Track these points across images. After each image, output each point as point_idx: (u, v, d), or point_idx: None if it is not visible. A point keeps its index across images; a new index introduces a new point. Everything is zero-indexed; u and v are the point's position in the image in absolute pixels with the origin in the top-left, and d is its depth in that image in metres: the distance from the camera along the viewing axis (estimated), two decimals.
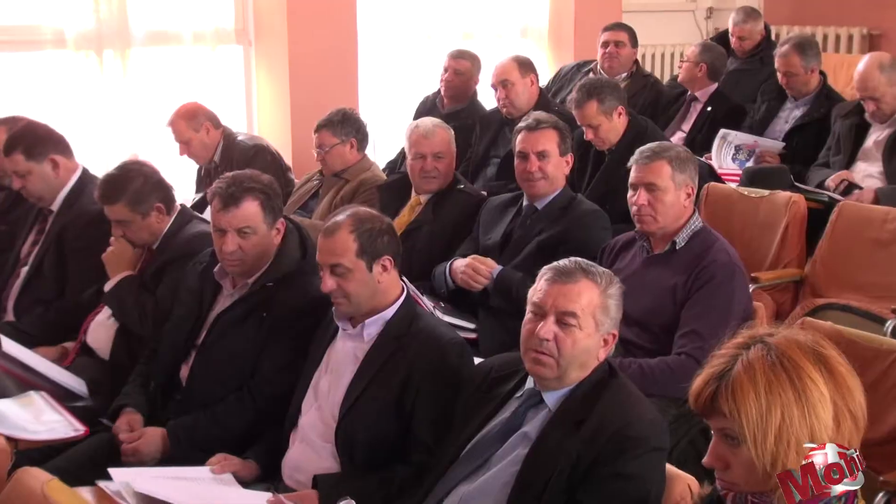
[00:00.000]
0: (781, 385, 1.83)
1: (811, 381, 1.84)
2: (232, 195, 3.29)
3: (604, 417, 2.47)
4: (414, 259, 4.15)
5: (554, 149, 4.08)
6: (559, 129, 4.14)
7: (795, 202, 4.62)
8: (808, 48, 5.51)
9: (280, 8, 6.36)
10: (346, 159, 4.96)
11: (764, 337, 1.90)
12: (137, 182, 3.76)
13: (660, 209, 3.58)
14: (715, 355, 1.92)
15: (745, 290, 3.63)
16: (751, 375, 1.84)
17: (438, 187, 4.47)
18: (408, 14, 7.03)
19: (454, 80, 5.79)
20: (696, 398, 1.92)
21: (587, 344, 2.57)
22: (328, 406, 3.03)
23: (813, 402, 1.83)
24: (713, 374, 1.89)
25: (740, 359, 1.87)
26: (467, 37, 7.22)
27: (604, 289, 2.60)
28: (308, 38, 6.37)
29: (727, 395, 1.85)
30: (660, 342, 3.51)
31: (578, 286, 2.59)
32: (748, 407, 1.83)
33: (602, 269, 2.67)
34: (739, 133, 5.52)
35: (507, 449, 2.59)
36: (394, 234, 3.09)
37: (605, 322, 2.59)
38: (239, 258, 3.30)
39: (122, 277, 3.80)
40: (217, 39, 6.31)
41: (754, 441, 1.83)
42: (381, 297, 3.03)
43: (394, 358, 2.96)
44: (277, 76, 6.49)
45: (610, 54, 6.19)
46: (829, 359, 1.88)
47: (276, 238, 3.37)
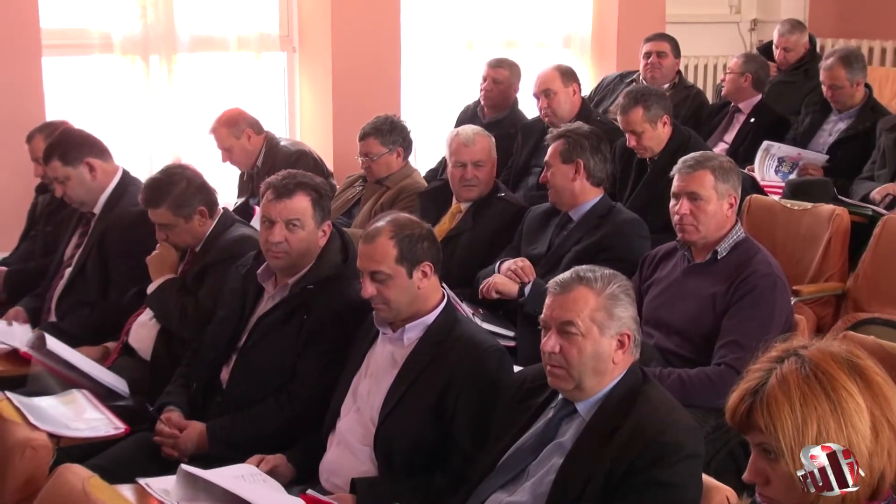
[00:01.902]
0: (816, 397, 1.82)
1: (846, 391, 1.83)
2: (286, 186, 3.34)
3: (638, 425, 2.46)
4: (453, 266, 4.17)
5: (555, 158, 4.12)
6: (562, 137, 4.16)
7: (839, 215, 4.58)
8: (853, 61, 5.47)
9: (324, 15, 6.40)
10: (391, 167, 5.00)
11: (798, 350, 1.89)
12: (180, 186, 3.80)
13: (702, 219, 3.57)
14: (750, 370, 1.91)
15: (786, 301, 3.61)
16: (785, 389, 1.83)
17: (478, 195, 4.49)
18: (451, 22, 7.03)
19: (493, 89, 5.80)
20: (732, 414, 1.91)
21: (594, 349, 2.56)
22: (367, 409, 3.04)
23: (849, 413, 1.82)
24: (748, 389, 1.88)
25: (774, 373, 1.86)
26: (510, 45, 7.22)
27: (601, 291, 2.59)
28: (351, 46, 6.42)
29: (762, 410, 1.84)
30: (700, 352, 3.50)
31: (574, 294, 2.59)
32: (783, 421, 1.81)
33: (603, 272, 2.65)
34: (783, 145, 5.48)
35: (543, 459, 2.59)
36: (434, 240, 3.10)
37: (611, 324, 2.57)
38: (284, 251, 3.33)
39: (165, 280, 3.84)
40: (262, 46, 6.35)
41: (791, 455, 1.81)
42: (421, 302, 3.04)
43: (434, 363, 2.97)
44: (320, 83, 6.53)
45: (652, 65, 6.17)
46: (864, 369, 1.87)
47: (322, 239, 3.39)
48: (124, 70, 5.98)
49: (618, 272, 2.70)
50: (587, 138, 4.19)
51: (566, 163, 4.12)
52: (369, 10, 6.46)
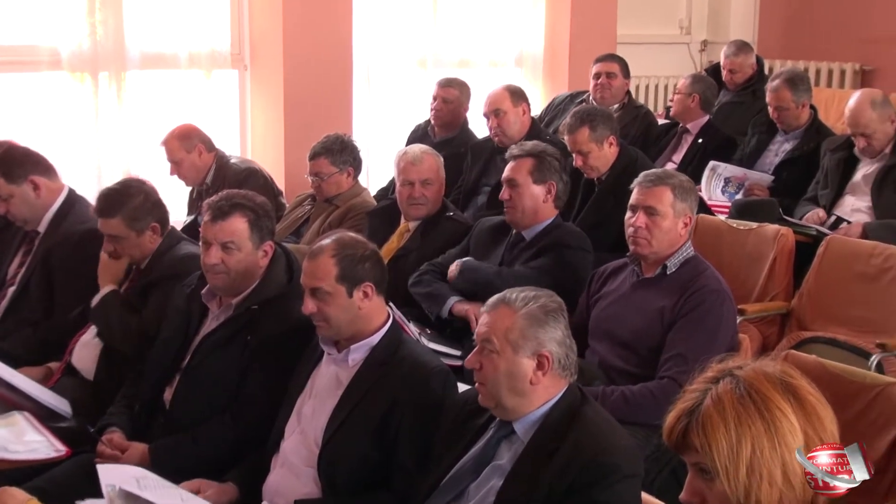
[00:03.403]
0: (750, 417, 1.83)
1: (780, 411, 1.85)
2: (221, 208, 3.34)
3: (576, 446, 2.47)
4: (401, 285, 4.17)
5: (524, 178, 4.11)
6: (535, 157, 4.15)
7: (784, 235, 4.63)
8: (799, 83, 5.54)
9: (276, 33, 6.39)
10: (341, 186, 5.00)
11: (733, 370, 1.91)
12: (138, 199, 3.79)
13: (655, 233, 3.60)
14: (686, 390, 1.93)
15: (732, 318, 3.64)
16: (720, 409, 1.85)
17: (426, 214, 4.50)
18: (403, 41, 7.06)
19: (443, 109, 5.82)
20: (668, 434, 1.92)
21: (508, 368, 2.57)
22: (311, 430, 3.03)
23: (783, 433, 1.83)
24: (684, 409, 1.90)
25: (710, 393, 1.87)
26: (462, 64, 7.27)
27: (517, 310, 2.60)
28: (303, 64, 6.41)
29: (698, 430, 1.85)
30: (646, 365, 3.52)
31: (495, 313, 2.63)
32: (719, 441, 1.83)
33: (529, 293, 2.66)
34: (729, 165, 5.54)
35: (483, 481, 2.60)
36: (377, 261, 3.10)
37: (526, 344, 2.58)
38: (221, 272, 3.32)
39: (109, 292, 3.81)
40: (213, 63, 6.33)
41: (726, 474, 1.83)
42: (362, 323, 3.04)
43: (378, 384, 2.97)
44: (272, 101, 6.52)
45: (602, 85, 6.22)
46: (798, 388, 1.89)
47: (263, 260, 3.38)
48: (73, 88, 5.94)
49: (551, 293, 2.71)
50: (557, 159, 4.22)
51: (538, 183, 4.13)
52: (321, 27, 6.46)
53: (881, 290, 4.32)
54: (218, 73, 6.44)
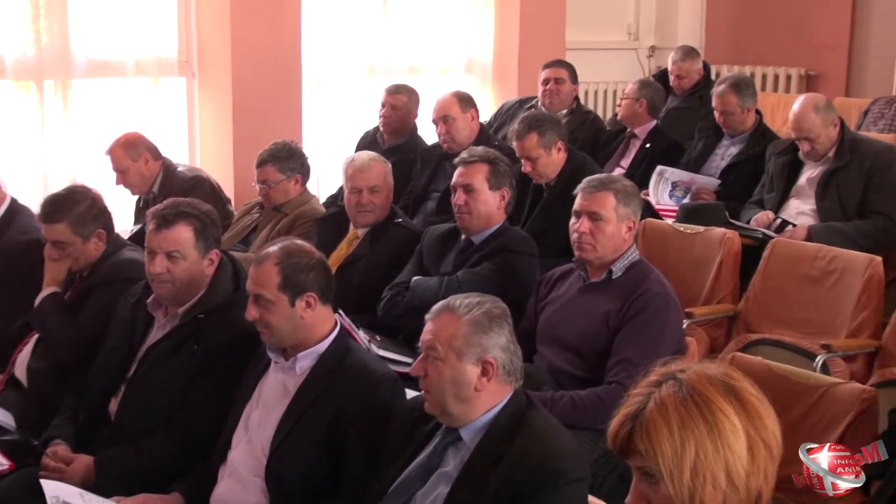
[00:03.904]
0: (693, 420, 1.84)
1: (723, 414, 1.85)
2: (165, 217, 3.32)
3: (522, 452, 2.47)
4: (350, 292, 4.15)
5: (481, 183, 4.12)
6: (490, 163, 4.16)
7: (730, 238, 4.68)
8: (744, 87, 5.59)
9: (224, 40, 6.36)
10: (289, 194, 4.99)
11: (676, 373, 1.91)
12: (84, 205, 3.76)
13: (600, 238, 3.62)
14: (630, 394, 1.93)
15: (678, 321, 3.68)
16: (663, 413, 1.85)
17: (375, 221, 4.49)
18: (353, 47, 7.06)
19: (392, 116, 5.82)
20: (613, 439, 1.93)
21: (453, 375, 2.57)
22: (259, 440, 3.01)
23: (725, 435, 1.84)
24: (628, 414, 1.90)
25: (653, 397, 1.88)
26: (412, 71, 7.28)
27: (461, 317, 2.60)
28: (252, 71, 6.38)
29: (642, 435, 1.86)
30: (593, 370, 3.54)
31: (439, 320, 2.63)
32: (662, 445, 1.83)
33: (474, 298, 2.66)
34: (676, 170, 5.58)
35: (430, 488, 2.60)
36: (323, 271, 3.08)
37: (470, 350, 2.57)
38: (167, 281, 3.30)
39: (49, 293, 3.77)
40: (160, 71, 6.29)
41: (671, 478, 1.83)
42: (305, 332, 3.02)
43: (326, 392, 2.96)
44: (220, 108, 6.48)
45: (550, 91, 6.25)
46: (740, 390, 1.89)
47: (209, 268, 3.36)
48: (18, 96, 5.86)
49: (495, 299, 2.71)
50: (509, 166, 4.25)
51: (494, 189, 4.14)
52: (270, 34, 6.43)
53: (825, 292, 4.37)
54: (165, 81, 6.40)
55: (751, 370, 3.36)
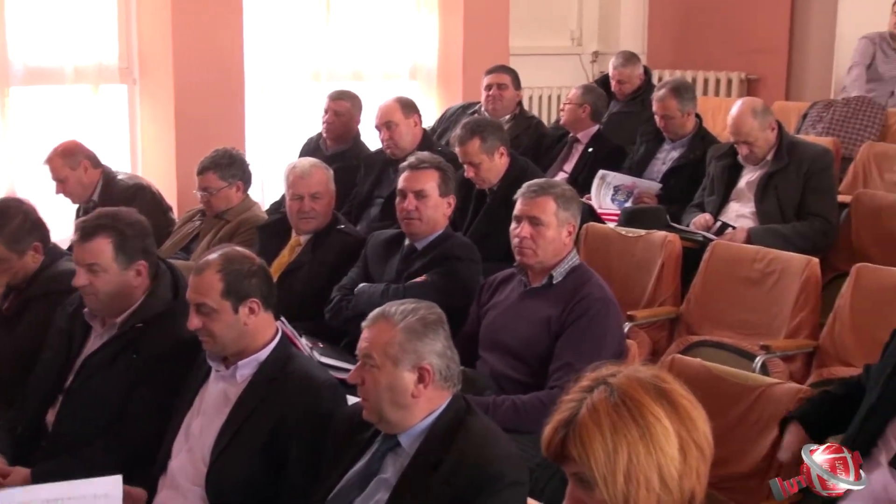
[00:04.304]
0: (625, 425, 1.85)
1: (654, 417, 1.86)
2: (85, 229, 3.30)
3: (460, 457, 2.48)
4: (293, 299, 4.15)
5: (433, 189, 4.13)
6: (441, 170, 4.18)
7: (671, 241, 4.72)
8: (684, 92, 5.65)
9: (165, 46, 6.30)
10: (230, 201, 4.97)
11: (607, 378, 1.92)
12: (17, 220, 3.70)
13: (540, 243, 3.64)
14: (563, 400, 1.94)
15: (618, 325, 3.71)
16: (595, 418, 1.86)
17: (317, 227, 4.48)
18: (296, 53, 7.02)
19: (335, 122, 5.81)
20: (546, 446, 1.93)
21: (389, 382, 2.57)
22: (199, 449, 2.99)
23: (657, 438, 1.85)
24: (561, 420, 1.91)
25: (585, 402, 1.89)
26: (356, 77, 7.26)
27: (396, 324, 2.60)
28: (194, 77, 6.32)
29: (575, 441, 1.86)
30: (535, 375, 3.56)
31: (375, 327, 2.62)
32: (595, 450, 1.84)
33: (410, 305, 2.66)
34: (618, 174, 5.63)
35: (369, 495, 2.59)
36: (265, 277, 3.08)
37: (406, 357, 2.57)
38: (91, 293, 3.28)
39: None
40: (100, 78, 6.21)
41: (605, 482, 1.84)
42: (248, 339, 3.01)
43: (267, 400, 2.95)
44: (162, 115, 6.41)
45: (493, 96, 6.27)
46: (670, 392, 1.91)
47: (136, 280, 3.33)
48: None
49: (431, 305, 2.71)
50: (454, 173, 4.27)
51: (443, 196, 4.16)
52: (212, 41, 6.38)
53: (764, 294, 4.42)
54: (106, 88, 6.32)
55: (690, 372, 3.42)
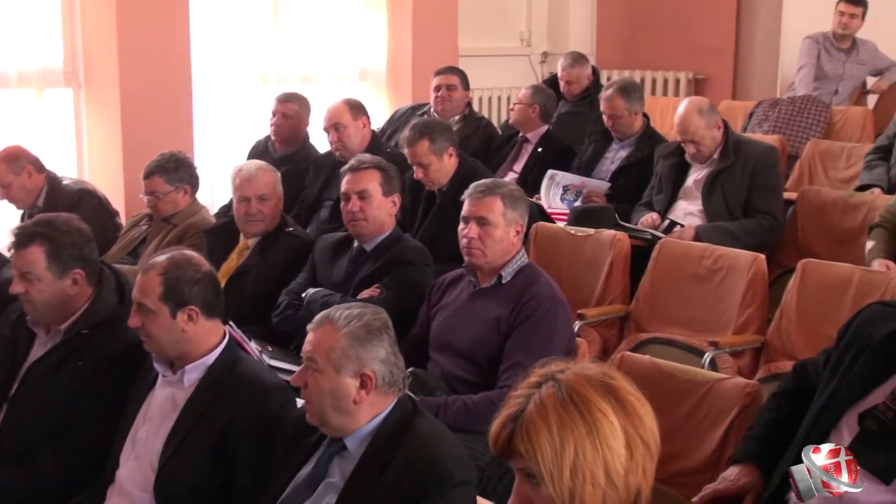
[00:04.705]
0: (573, 420, 1.85)
1: (601, 413, 1.87)
2: (19, 237, 3.27)
3: (408, 458, 2.47)
4: (242, 303, 4.13)
5: (376, 189, 4.12)
6: (382, 169, 4.17)
7: (619, 240, 4.74)
8: (631, 91, 5.68)
9: (110, 50, 6.23)
10: (178, 205, 4.93)
11: (555, 374, 1.92)
12: None
13: (489, 243, 3.64)
14: (511, 396, 1.94)
15: (567, 323, 3.71)
16: (543, 414, 1.86)
17: (264, 230, 4.46)
18: (244, 56, 6.99)
19: (283, 124, 5.78)
20: (494, 441, 1.93)
21: (331, 388, 2.55)
22: (147, 455, 2.97)
23: (604, 434, 1.86)
24: (508, 416, 1.91)
25: (532, 398, 1.89)
26: (305, 80, 7.24)
27: (339, 330, 2.58)
28: (140, 81, 6.26)
29: (522, 436, 1.86)
30: (486, 375, 3.56)
31: (320, 331, 2.61)
32: (542, 445, 1.84)
33: (355, 310, 2.64)
34: (567, 174, 5.65)
35: (317, 498, 2.58)
36: (209, 285, 3.05)
37: (348, 363, 2.55)
38: (27, 301, 3.25)
39: None
40: (45, 82, 6.15)
41: (551, 478, 1.84)
42: (188, 345, 2.99)
43: (215, 404, 2.93)
44: (109, 120, 6.34)
45: (442, 98, 6.27)
46: (618, 389, 1.91)
47: (73, 288, 3.28)
48: None
49: (377, 310, 2.69)
50: (397, 173, 4.27)
51: (387, 195, 4.15)
52: (158, 44, 6.32)
53: (712, 290, 4.46)
54: (51, 92, 6.25)
55: (639, 369, 3.43)
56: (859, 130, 6.72)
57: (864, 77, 7.41)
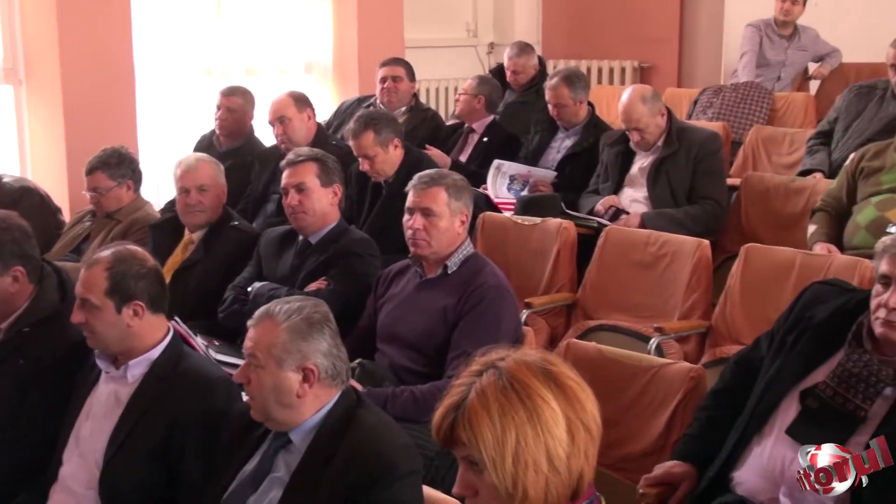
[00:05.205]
0: (513, 408, 1.87)
1: (542, 399, 1.89)
2: None
3: (352, 450, 2.46)
4: (187, 298, 4.10)
5: (313, 181, 4.10)
6: (319, 161, 4.15)
7: (566, 228, 4.76)
8: (576, 80, 5.71)
9: (51, 45, 6.15)
10: (121, 200, 4.89)
11: (496, 362, 1.94)
12: None
13: (434, 234, 3.64)
14: (453, 385, 1.95)
15: (514, 312, 3.73)
16: (484, 402, 1.88)
17: (205, 221, 4.43)
18: (188, 50, 6.93)
19: (228, 118, 5.73)
20: (437, 431, 1.94)
21: (274, 383, 2.54)
22: (91, 452, 2.94)
23: (545, 420, 1.87)
24: (450, 405, 1.92)
25: (474, 387, 1.90)
26: (250, 73, 7.19)
27: (279, 324, 2.56)
28: (82, 77, 6.19)
29: (464, 424, 1.88)
30: (433, 365, 3.57)
31: (260, 327, 2.60)
32: (484, 433, 1.86)
33: (295, 303, 2.63)
34: (513, 163, 5.66)
35: (263, 493, 2.57)
36: (155, 279, 3.03)
37: (290, 358, 2.54)
38: None
39: None
40: None
41: (493, 465, 1.86)
42: (133, 340, 2.97)
43: (159, 400, 2.91)
44: (51, 116, 6.26)
45: (388, 89, 6.26)
46: (558, 375, 1.93)
47: (13, 286, 3.25)
48: None
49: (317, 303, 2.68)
50: (337, 163, 4.24)
51: (326, 186, 4.13)
52: (99, 38, 6.24)
53: (657, 277, 4.49)
54: None
55: (585, 356, 3.46)
56: (801, 116, 6.80)
57: (806, 63, 7.50)
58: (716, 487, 2.83)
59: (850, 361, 2.73)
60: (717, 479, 2.84)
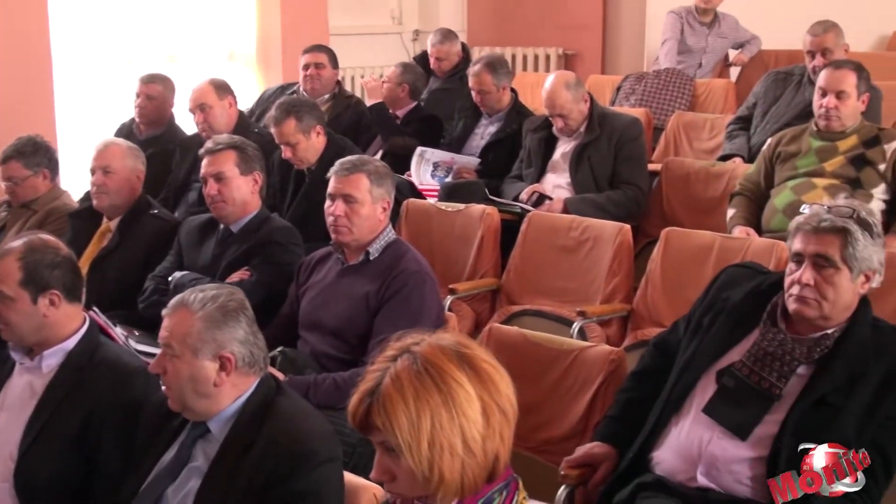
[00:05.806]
0: (428, 392, 1.88)
1: (456, 382, 1.89)
2: None
3: (271, 438, 2.45)
4: (106, 287, 4.06)
5: (232, 169, 4.06)
6: (237, 149, 4.11)
7: (489, 214, 4.78)
8: (498, 67, 5.73)
9: None
10: (38, 190, 4.81)
11: (410, 347, 1.94)
12: None
13: (355, 221, 3.64)
14: (368, 371, 1.95)
15: (435, 298, 3.74)
16: (398, 387, 1.88)
17: (109, 205, 4.38)
18: (108, 37, 6.83)
19: (147, 106, 5.65)
20: (352, 417, 1.94)
21: (191, 373, 2.51)
22: (6, 444, 2.89)
23: (459, 402, 1.88)
24: (365, 390, 1.92)
25: (388, 372, 1.91)
26: (172, 60, 7.11)
27: (194, 313, 2.54)
28: None
29: (379, 410, 1.88)
30: (356, 352, 3.57)
31: (175, 316, 2.57)
32: (399, 418, 1.86)
33: (210, 292, 2.60)
34: (436, 150, 5.67)
35: (181, 484, 2.54)
36: (69, 268, 2.98)
37: (205, 347, 2.52)
38: None
39: None
40: None
41: (409, 450, 1.86)
42: (49, 331, 2.92)
43: (75, 390, 2.87)
44: None
45: (311, 76, 6.22)
46: (472, 358, 1.94)
47: None
48: None
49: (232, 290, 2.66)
50: (257, 150, 4.21)
51: (245, 174, 4.09)
52: (14, 25, 6.11)
53: (580, 261, 4.53)
54: None
55: (507, 340, 3.47)
56: (722, 102, 6.88)
57: (726, 50, 7.60)
58: (636, 467, 2.87)
59: (765, 341, 2.78)
60: (636, 460, 2.88)
